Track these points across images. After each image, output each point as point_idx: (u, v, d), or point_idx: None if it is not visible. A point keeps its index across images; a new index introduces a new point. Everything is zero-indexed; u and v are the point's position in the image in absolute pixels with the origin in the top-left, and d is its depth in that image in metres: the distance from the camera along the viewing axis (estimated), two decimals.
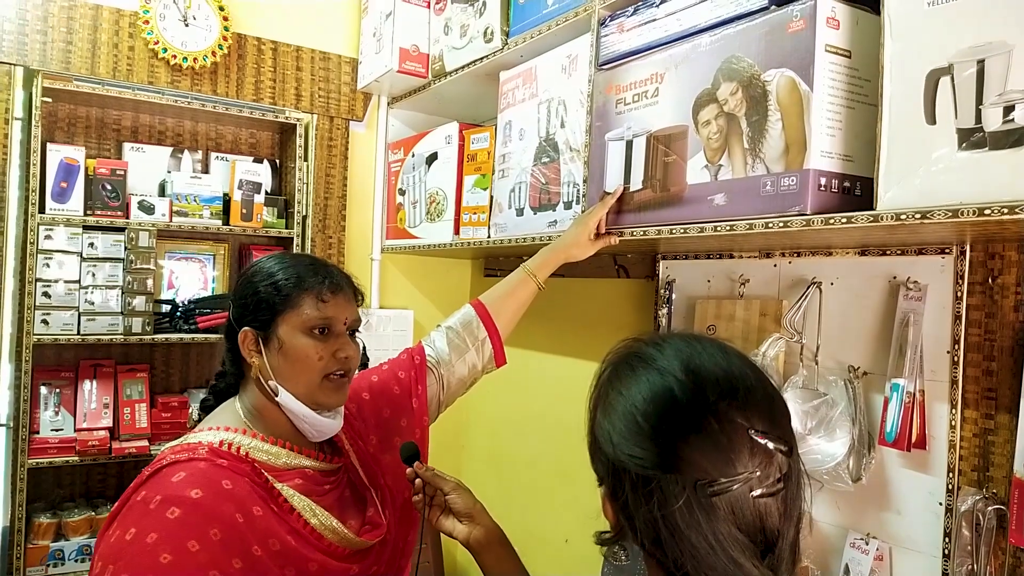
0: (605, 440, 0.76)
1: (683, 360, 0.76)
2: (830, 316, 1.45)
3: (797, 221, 1.14)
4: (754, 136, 1.21)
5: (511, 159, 1.91)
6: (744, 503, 0.70)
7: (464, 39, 2.09)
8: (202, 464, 1.06)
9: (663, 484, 0.70)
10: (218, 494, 1.03)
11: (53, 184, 2.08)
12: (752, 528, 0.70)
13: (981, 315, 1.23)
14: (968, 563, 1.20)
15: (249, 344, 1.16)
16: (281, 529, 1.08)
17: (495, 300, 1.56)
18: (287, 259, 1.21)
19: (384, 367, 1.49)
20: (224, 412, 1.20)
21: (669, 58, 1.38)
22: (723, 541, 0.69)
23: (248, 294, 1.18)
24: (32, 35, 2.05)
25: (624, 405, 0.75)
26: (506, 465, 2.58)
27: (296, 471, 1.17)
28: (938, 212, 0.97)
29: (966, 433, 1.24)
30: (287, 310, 1.15)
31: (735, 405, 0.72)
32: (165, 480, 1.04)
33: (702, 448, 0.70)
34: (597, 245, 1.57)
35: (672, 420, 0.72)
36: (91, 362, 2.24)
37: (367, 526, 1.22)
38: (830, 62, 1.12)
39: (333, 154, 2.51)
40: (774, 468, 0.71)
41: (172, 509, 0.99)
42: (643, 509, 0.71)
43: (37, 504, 2.16)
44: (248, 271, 1.22)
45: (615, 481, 0.75)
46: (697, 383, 0.73)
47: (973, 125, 0.94)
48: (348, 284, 1.22)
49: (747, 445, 0.70)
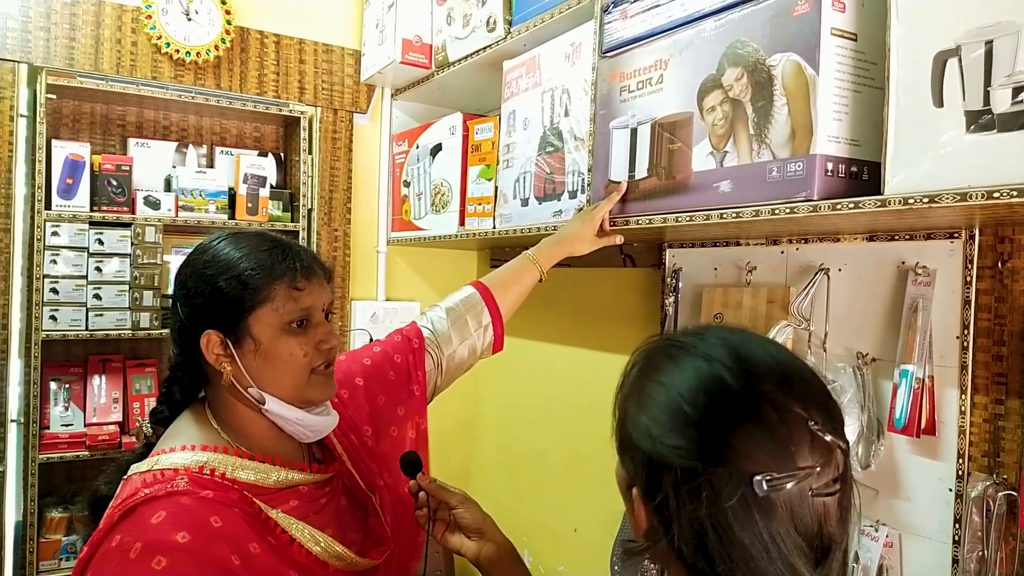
0: (642, 434, 0.69)
1: (730, 348, 0.69)
2: (838, 302, 1.44)
3: (804, 207, 1.13)
4: (760, 122, 1.20)
5: (515, 149, 1.90)
6: (803, 502, 0.63)
7: (467, 29, 2.08)
8: (184, 499, 0.92)
9: (713, 479, 0.63)
10: (208, 535, 0.89)
11: (59, 180, 2.09)
12: (810, 531, 0.64)
13: (991, 300, 1.22)
14: (979, 549, 1.19)
15: (215, 348, 1.01)
16: (283, 565, 0.96)
17: (497, 285, 1.49)
18: (243, 242, 1.04)
19: (376, 348, 1.37)
20: (192, 426, 1.05)
21: (673, 44, 1.37)
22: (780, 544, 0.62)
23: (205, 290, 1.01)
24: (35, 32, 2.05)
25: (666, 395, 0.68)
26: (515, 455, 2.58)
27: (289, 491, 1.04)
28: (946, 196, 0.96)
29: (976, 419, 1.23)
30: (258, 306, 1.00)
31: (792, 394, 0.65)
32: (143, 521, 0.88)
33: (758, 439, 0.63)
34: (601, 242, 1.56)
35: (723, 408, 0.65)
36: (100, 357, 2.26)
37: (369, 540, 1.11)
38: (836, 45, 1.11)
39: (337, 147, 2.51)
40: (832, 466, 0.65)
41: (158, 559, 0.85)
42: (687, 508, 0.64)
43: (49, 499, 2.17)
44: (197, 261, 1.04)
45: (652, 479, 0.67)
46: (749, 370, 0.67)
47: (981, 107, 0.93)
48: (318, 265, 1.08)
49: (807, 438, 0.64)
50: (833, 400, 0.69)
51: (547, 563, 2.36)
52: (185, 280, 1.04)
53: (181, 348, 1.06)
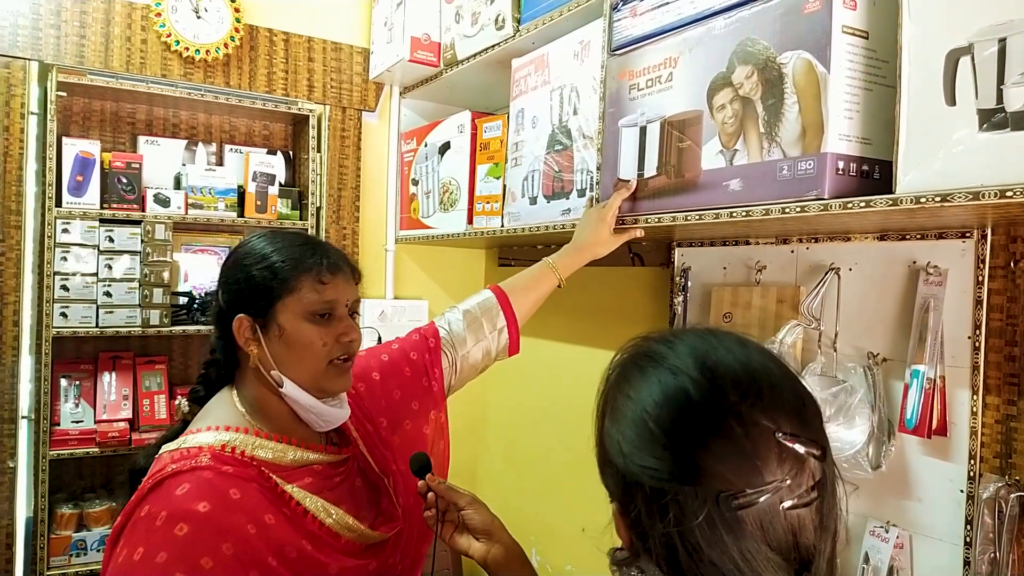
0: (615, 450, 0.69)
1: (697, 357, 0.68)
2: (848, 302, 1.43)
3: (814, 206, 1.12)
4: (770, 120, 1.19)
5: (524, 147, 1.89)
6: (774, 516, 0.62)
7: (475, 27, 2.08)
8: (207, 473, 1.01)
9: (680, 497, 0.63)
10: (227, 506, 0.98)
11: (69, 178, 2.10)
12: (784, 545, 0.63)
13: (1003, 300, 1.21)
14: (991, 551, 1.18)
15: (245, 332, 1.10)
16: (297, 535, 1.03)
17: (515, 290, 1.53)
18: (279, 238, 1.14)
19: (394, 346, 1.43)
20: (221, 407, 1.14)
21: (683, 42, 1.37)
22: (751, 561, 0.62)
23: (241, 278, 1.10)
24: (46, 30, 2.05)
25: (634, 410, 0.68)
26: (522, 455, 2.58)
27: (304, 469, 1.12)
28: (959, 195, 0.95)
29: (988, 420, 1.22)
30: (285, 295, 1.08)
31: (759, 405, 0.65)
32: (169, 493, 0.98)
33: (723, 455, 0.63)
34: (621, 238, 1.55)
35: (688, 424, 0.65)
36: (110, 354, 2.27)
37: (381, 517, 1.18)
38: (847, 43, 1.10)
39: (346, 145, 2.51)
40: (806, 475, 0.64)
41: (180, 525, 0.94)
42: (658, 526, 0.64)
43: (59, 495, 2.19)
44: (237, 252, 1.15)
45: (626, 496, 0.68)
46: (714, 382, 0.66)
47: (994, 105, 0.92)
48: (345, 263, 1.16)
49: (775, 450, 0.63)
50: (809, 404, 0.69)
51: (555, 563, 2.36)
52: (226, 269, 1.15)
53: (219, 332, 1.15)
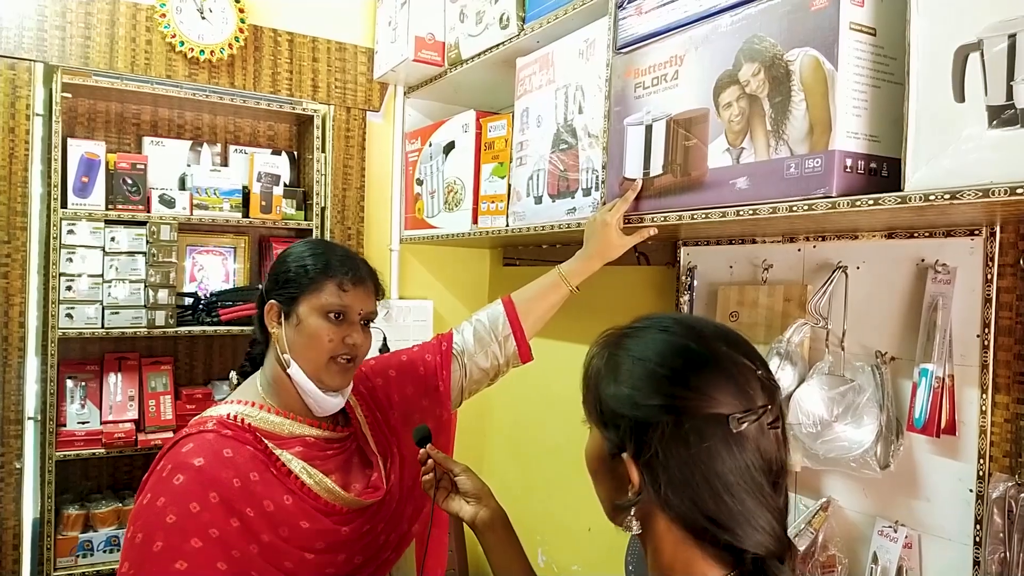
0: (623, 403, 0.79)
1: (677, 320, 0.84)
2: (856, 301, 1.42)
3: (822, 204, 1.12)
4: (777, 118, 1.19)
5: (529, 146, 1.89)
6: (764, 434, 0.76)
7: (480, 26, 2.08)
8: (209, 436, 1.20)
9: (696, 424, 0.75)
10: (218, 461, 1.17)
11: (74, 179, 2.10)
12: (770, 458, 0.76)
13: (1012, 298, 1.20)
14: (1000, 551, 1.18)
15: (273, 315, 1.29)
16: (279, 490, 1.20)
17: (525, 300, 1.61)
18: (322, 247, 1.33)
19: (415, 349, 1.59)
20: (247, 385, 1.34)
21: (689, 40, 1.36)
22: (752, 470, 0.74)
23: (280, 271, 1.30)
24: (51, 31, 2.06)
25: (642, 365, 0.80)
26: (528, 453, 2.58)
27: (297, 439, 1.28)
28: (968, 192, 0.94)
29: (997, 419, 1.21)
30: (310, 291, 1.26)
31: (739, 350, 0.80)
32: (178, 450, 1.18)
33: (724, 386, 0.76)
34: (633, 240, 1.55)
35: (693, 365, 0.78)
36: (116, 355, 2.27)
37: (369, 489, 1.32)
38: (855, 40, 1.09)
39: (351, 145, 2.51)
40: (776, 405, 0.78)
41: (178, 476, 1.14)
42: (675, 455, 0.75)
43: (65, 496, 2.19)
44: (286, 251, 1.35)
45: (639, 440, 0.77)
46: (702, 335, 0.81)
47: (1004, 102, 0.91)
48: (371, 278, 1.34)
49: (757, 383, 0.77)
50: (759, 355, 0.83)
51: (561, 562, 2.36)
52: (274, 263, 1.35)
53: (258, 315, 1.33)
